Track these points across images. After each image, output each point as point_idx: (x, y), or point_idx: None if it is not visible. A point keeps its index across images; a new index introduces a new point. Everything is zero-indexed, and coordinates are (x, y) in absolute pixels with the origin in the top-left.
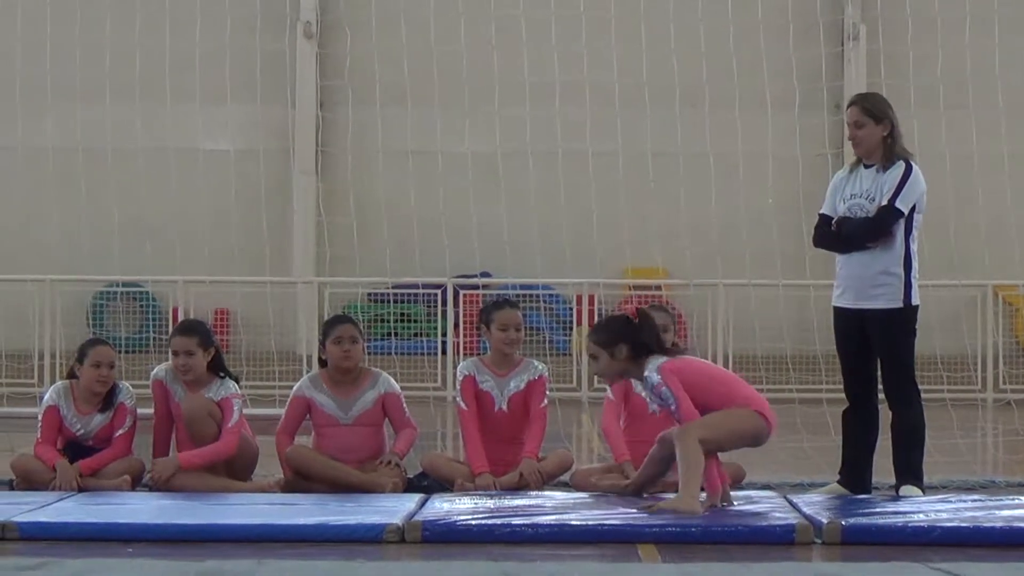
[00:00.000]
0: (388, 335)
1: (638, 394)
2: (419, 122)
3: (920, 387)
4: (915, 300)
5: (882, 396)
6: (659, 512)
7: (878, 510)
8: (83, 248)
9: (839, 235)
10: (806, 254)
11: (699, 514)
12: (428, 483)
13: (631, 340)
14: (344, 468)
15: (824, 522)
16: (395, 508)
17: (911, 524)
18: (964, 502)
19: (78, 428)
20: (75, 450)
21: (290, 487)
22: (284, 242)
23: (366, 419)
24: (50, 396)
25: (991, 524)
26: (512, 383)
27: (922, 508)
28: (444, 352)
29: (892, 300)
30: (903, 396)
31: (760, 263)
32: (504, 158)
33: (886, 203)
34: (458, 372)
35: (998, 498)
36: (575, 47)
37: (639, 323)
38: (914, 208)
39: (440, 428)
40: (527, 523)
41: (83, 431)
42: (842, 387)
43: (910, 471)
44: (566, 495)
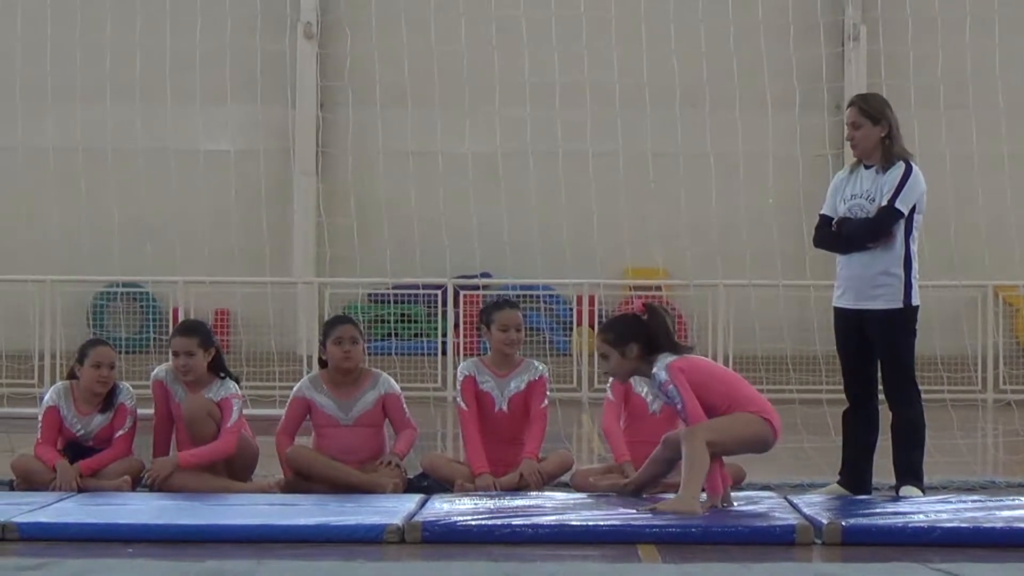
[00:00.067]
0: (388, 336)
1: (638, 394)
2: (419, 122)
3: (920, 387)
4: (915, 300)
5: (882, 396)
6: (659, 512)
7: (878, 511)
8: (83, 248)
9: (839, 236)
10: (806, 254)
11: (699, 515)
12: (428, 483)
13: (642, 338)
14: (344, 468)
15: (824, 523)
16: (395, 508)
17: (911, 525)
18: (964, 503)
19: (78, 428)
20: (75, 450)
21: (290, 487)
22: (284, 242)
23: (366, 420)
24: (50, 396)
25: (991, 525)
26: (512, 383)
27: (922, 509)
28: (444, 353)
29: (892, 300)
30: (903, 396)
31: (760, 263)
32: (504, 158)
33: (886, 204)
34: (458, 372)
35: (998, 499)
36: (575, 47)
37: (649, 320)
38: (914, 208)
39: (440, 428)
40: (527, 523)
41: (83, 432)
42: (842, 388)
43: (910, 471)
44: (566, 495)
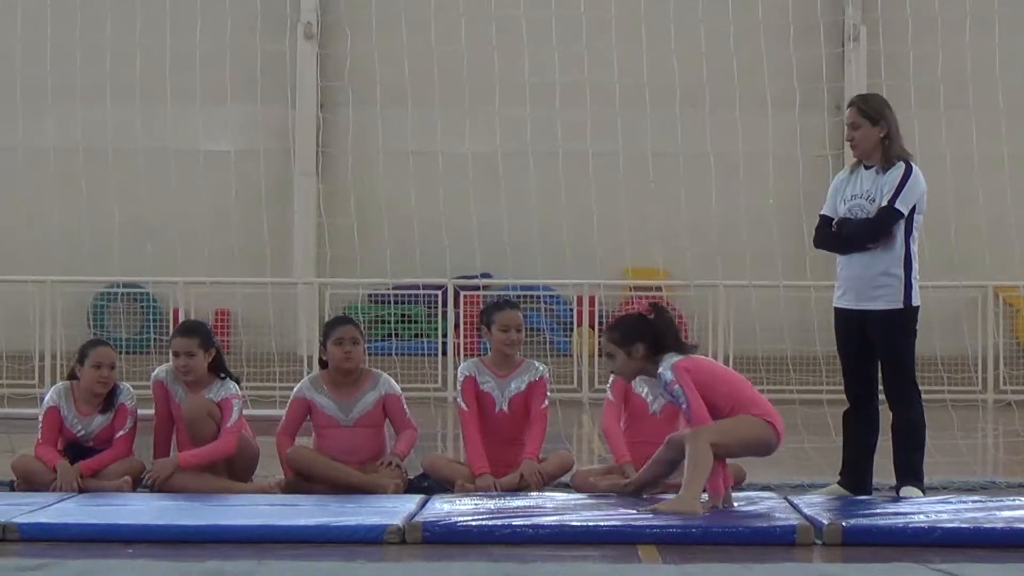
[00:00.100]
0: (389, 336)
1: (638, 395)
2: (419, 123)
3: (920, 388)
4: (915, 301)
5: (882, 397)
6: (659, 512)
7: (879, 511)
8: (83, 249)
9: (839, 236)
10: (807, 255)
11: (699, 515)
12: (429, 484)
13: (648, 338)
14: (345, 469)
15: (825, 523)
16: (396, 509)
17: (912, 525)
18: (964, 503)
19: (79, 429)
20: (76, 451)
21: (291, 488)
22: (284, 243)
23: (367, 420)
24: (51, 397)
25: (991, 525)
26: (513, 384)
27: (922, 509)
28: (445, 353)
29: (892, 301)
30: (903, 397)
31: (760, 264)
32: (504, 158)
33: (886, 204)
34: (459, 373)
35: (998, 499)
36: (575, 47)
37: (655, 320)
38: (914, 209)
39: (441, 429)
40: (527, 524)
41: (84, 432)
42: (843, 388)
43: (911, 472)
44: (567, 496)
